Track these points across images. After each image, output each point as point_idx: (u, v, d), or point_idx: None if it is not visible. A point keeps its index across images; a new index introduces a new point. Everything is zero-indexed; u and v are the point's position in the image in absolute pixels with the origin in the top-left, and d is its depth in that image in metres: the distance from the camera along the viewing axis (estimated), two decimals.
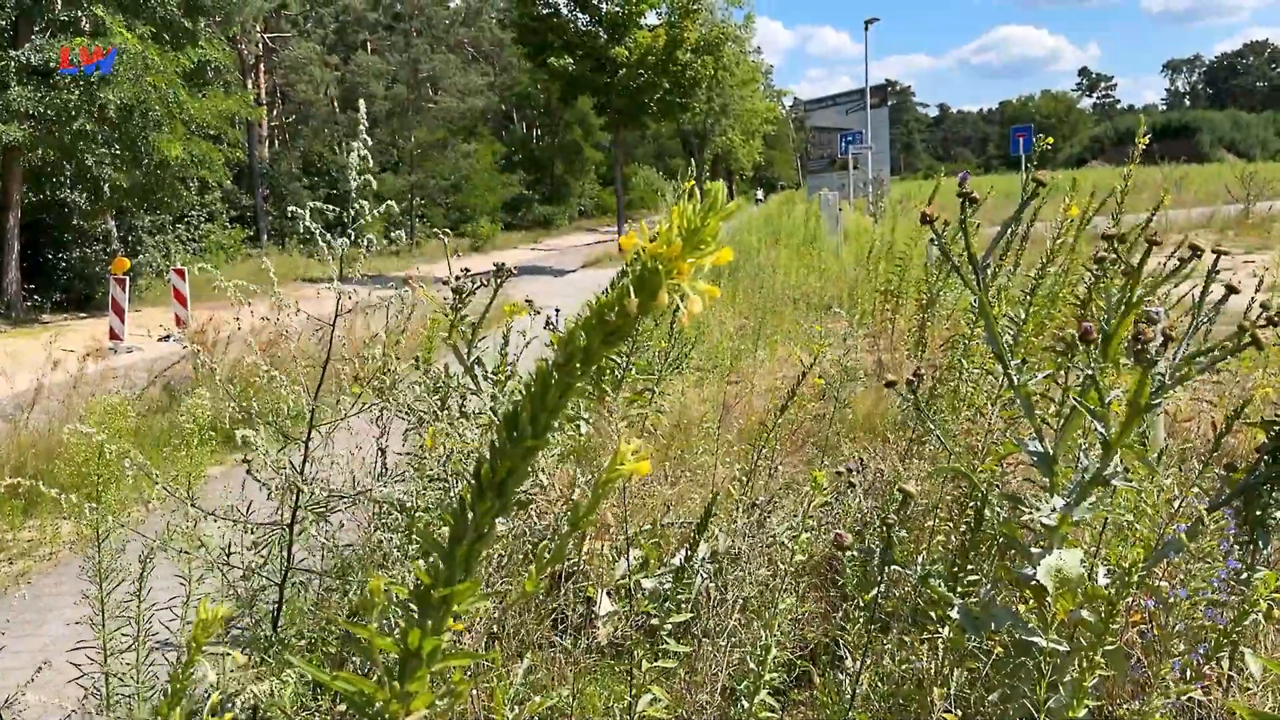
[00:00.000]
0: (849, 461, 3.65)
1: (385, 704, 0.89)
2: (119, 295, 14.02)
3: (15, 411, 8.76)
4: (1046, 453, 2.22)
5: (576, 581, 3.81)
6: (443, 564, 0.92)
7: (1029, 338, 2.96)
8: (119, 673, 1.99)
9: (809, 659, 3.02)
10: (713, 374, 7.78)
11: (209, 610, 1.06)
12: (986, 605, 2.16)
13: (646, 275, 0.85)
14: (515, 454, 0.92)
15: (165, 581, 2.46)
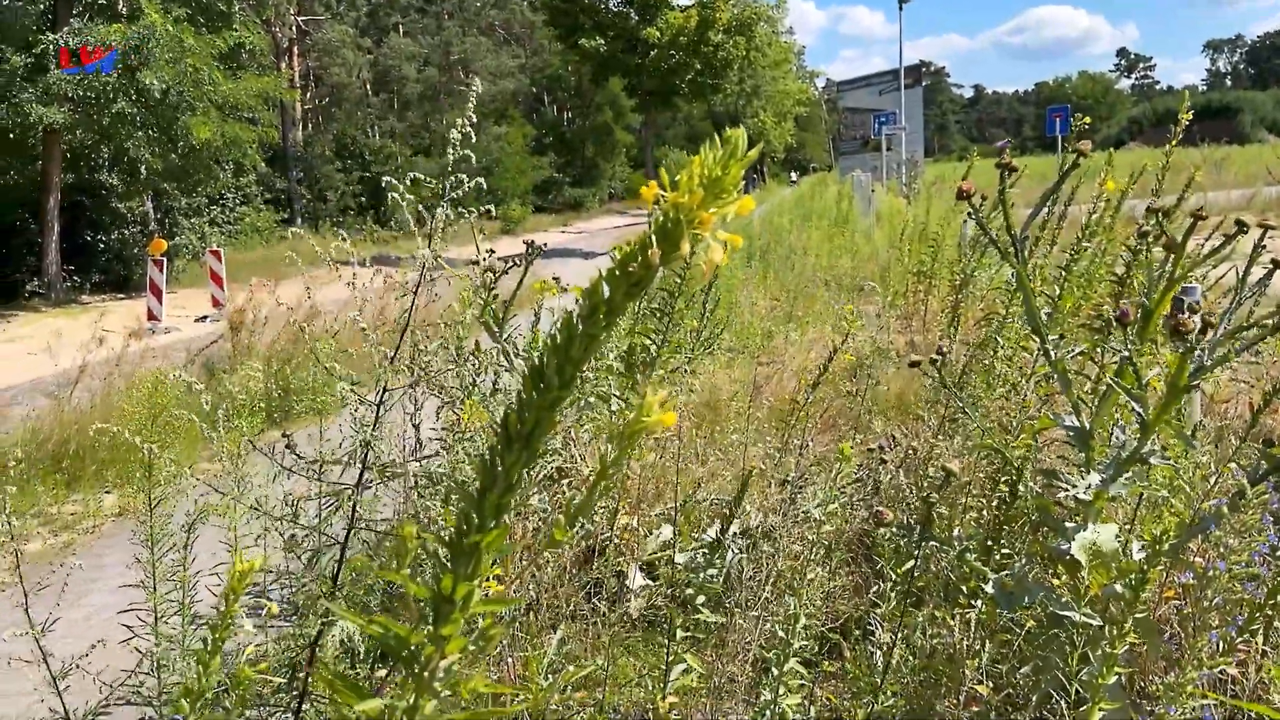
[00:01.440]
0: (881, 439, 3.63)
1: (420, 647, 0.90)
2: (156, 276, 14.21)
3: (58, 389, 8.92)
4: (1083, 428, 2.20)
5: (609, 556, 3.83)
6: (474, 513, 0.93)
7: (1065, 316, 2.92)
8: (170, 635, 2.03)
9: (840, 633, 3.02)
10: (743, 355, 7.77)
11: (245, 562, 1.08)
12: (1020, 579, 2.14)
13: (668, 225, 0.85)
14: (541, 405, 0.93)
15: (211, 546, 2.50)
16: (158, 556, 2.02)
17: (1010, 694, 2.38)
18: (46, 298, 17.50)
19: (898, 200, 16.99)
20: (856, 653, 2.84)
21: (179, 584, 2.07)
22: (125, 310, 16.26)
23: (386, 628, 0.92)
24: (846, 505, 3.04)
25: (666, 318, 3.68)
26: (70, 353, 9.73)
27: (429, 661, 0.91)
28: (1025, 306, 2.27)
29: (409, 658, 0.92)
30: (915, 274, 7.85)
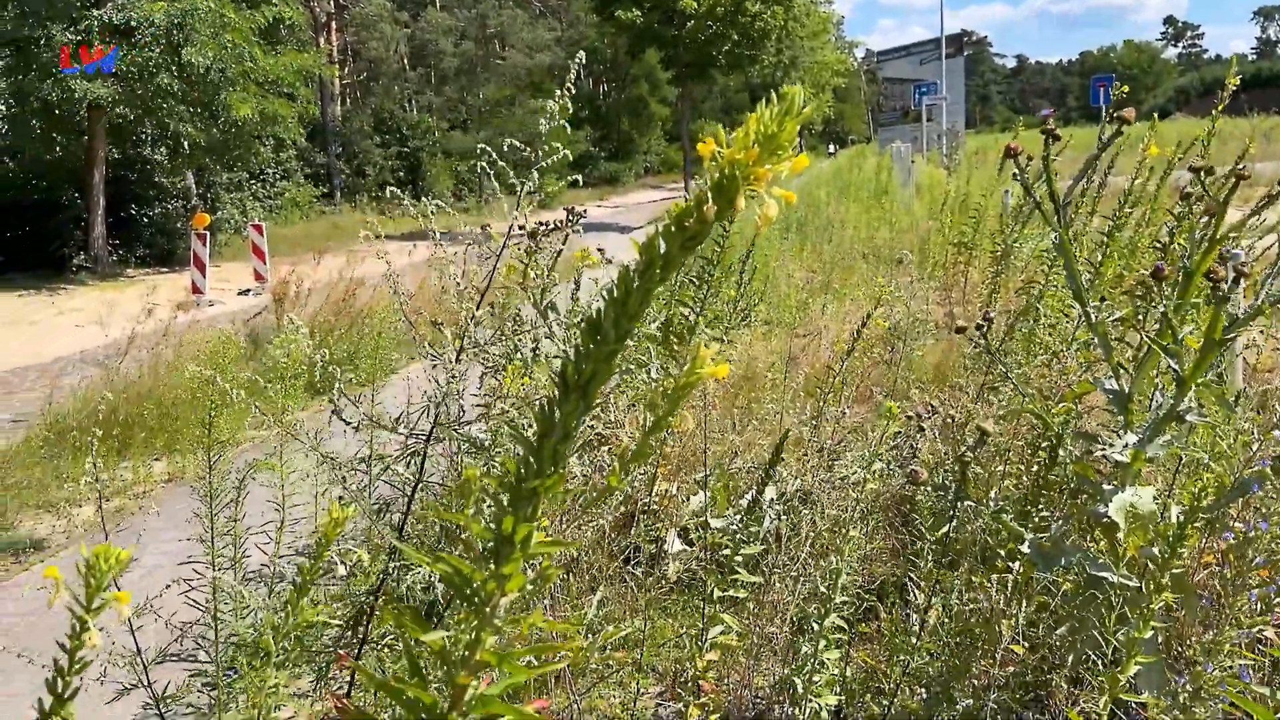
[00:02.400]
0: (919, 406, 3.65)
1: (481, 584, 0.95)
2: (200, 250, 14.42)
3: (107, 360, 9.13)
4: (1122, 391, 2.21)
5: (647, 522, 3.89)
6: (532, 459, 0.98)
7: (1108, 284, 2.92)
8: (227, 587, 2.11)
9: (877, 596, 3.06)
10: (780, 327, 7.77)
11: (339, 510, 1.14)
12: (1057, 540, 2.17)
13: (724, 181, 0.88)
14: (598, 356, 0.97)
15: (260, 507, 2.58)
16: (215, 511, 2.10)
17: (1046, 655, 2.41)
18: (93, 271, 17.82)
19: (938, 171, 16.80)
20: (893, 615, 2.89)
21: (234, 539, 2.15)
22: (170, 284, 16.54)
23: (452, 566, 0.97)
24: (884, 470, 3.07)
25: (705, 285, 3.71)
26: (118, 325, 9.95)
27: (490, 598, 0.96)
28: (1067, 271, 2.28)
29: (472, 595, 0.97)
30: (955, 245, 7.80)
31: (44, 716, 1.11)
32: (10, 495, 6.00)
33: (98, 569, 1.09)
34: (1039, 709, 2.34)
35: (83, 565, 1.07)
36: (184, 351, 8.87)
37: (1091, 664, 2.14)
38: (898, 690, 2.33)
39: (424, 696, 0.97)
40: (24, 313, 14.80)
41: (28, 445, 6.94)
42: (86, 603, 1.10)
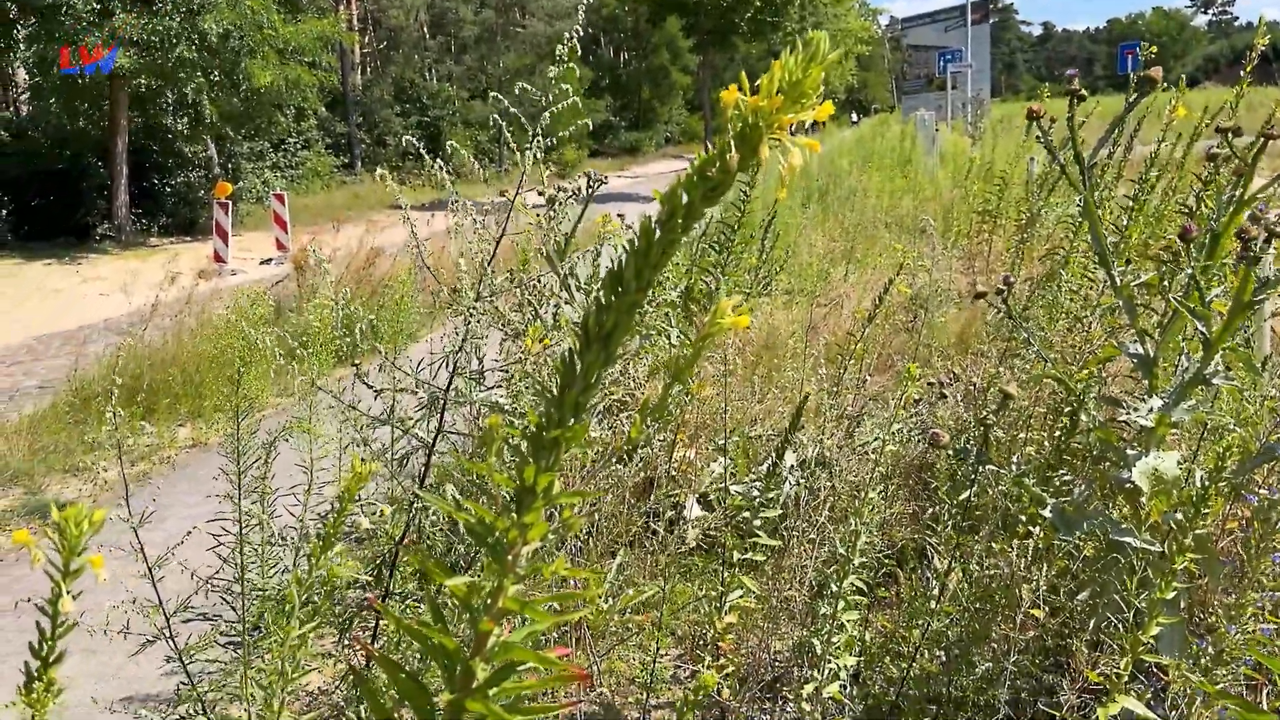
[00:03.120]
0: (941, 374, 3.63)
1: (504, 533, 0.96)
2: (222, 219, 14.48)
3: (131, 327, 9.21)
4: (1147, 355, 2.19)
5: (666, 488, 3.90)
6: (554, 409, 0.98)
7: (1133, 249, 2.88)
8: (255, 544, 2.14)
9: (896, 561, 3.06)
10: (801, 296, 7.74)
11: (362, 465, 1.15)
12: (1079, 505, 2.16)
13: (747, 130, 0.87)
14: (620, 307, 0.97)
15: (287, 469, 2.61)
16: (242, 470, 2.12)
17: (1066, 620, 2.41)
18: (116, 240, 17.94)
19: (962, 140, 16.63)
20: (912, 580, 2.89)
21: (260, 495, 2.17)
22: (192, 253, 16.63)
23: (475, 514, 0.98)
24: (905, 434, 3.06)
25: (726, 252, 3.70)
26: (141, 293, 10.03)
27: (513, 546, 0.97)
28: (1091, 234, 2.26)
29: (494, 544, 0.98)
30: (979, 213, 7.73)
31: (30, 680, 1.12)
32: (38, 459, 6.08)
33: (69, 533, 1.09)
34: (1059, 673, 2.34)
35: (54, 531, 1.06)
36: (206, 320, 8.94)
37: (1112, 628, 2.13)
38: (916, 653, 2.34)
39: (448, 642, 0.98)
40: (48, 281, 14.94)
41: (54, 411, 7.03)
42: (63, 567, 1.10)
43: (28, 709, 1.23)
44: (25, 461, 6.01)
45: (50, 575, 0.99)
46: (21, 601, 4.05)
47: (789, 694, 2.44)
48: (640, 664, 3.02)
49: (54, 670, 0.96)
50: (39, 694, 0.92)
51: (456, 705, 0.97)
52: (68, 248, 17.44)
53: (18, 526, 5.14)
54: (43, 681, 0.93)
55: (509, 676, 1.00)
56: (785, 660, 2.89)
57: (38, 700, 0.91)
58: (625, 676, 3.08)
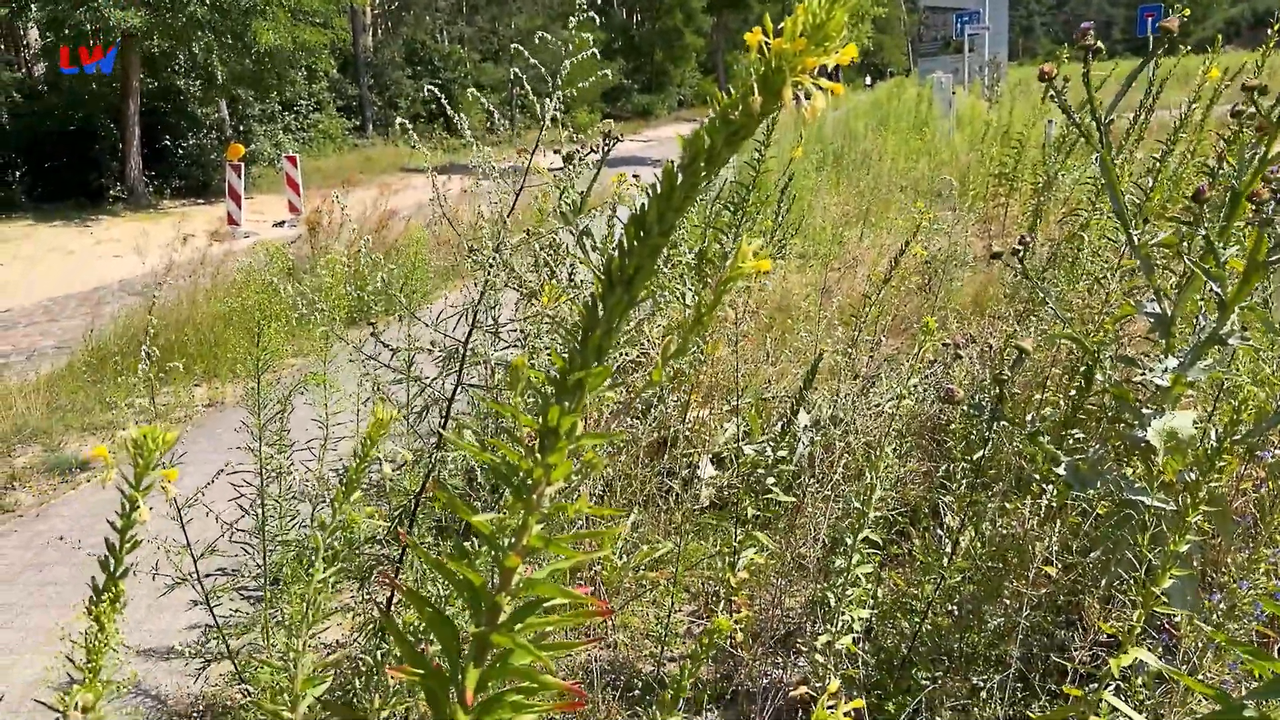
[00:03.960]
0: (956, 336, 3.63)
1: (528, 473, 0.97)
2: (235, 181, 14.48)
3: (146, 288, 9.26)
4: (1164, 314, 2.19)
5: (681, 448, 3.92)
6: (577, 351, 0.99)
7: (1153, 210, 2.86)
8: (275, 495, 2.17)
9: (909, 520, 3.08)
10: (814, 260, 7.72)
11: (384, 411, 1.17)
12: (1094, 463, 2.17)
13: (770, 73, 0.87)
14: (643, 251, 0.97)
15: (304, 423, 2.63)
16: (263, 421, 2.15)
17: (1079, 577, 2.42)
18: (129, 202, 17.96)
19: (979, 103, 16.44)
20: (925, 538, 2.91)
21: (279, 447, 2.20)
22: (205, 215, 16.66)
23: (500, 455, 0.99)
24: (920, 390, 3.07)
25: (741, 212, 3.69)
26: (155, 254, 10.07)
27: (536, 486, 0.98)
28: (1110, 193, 2.24)
29: (519, 484, 0.99)
30: (996, 176, 7.67)
31: (98, 592, 1.15)
32: (56, 418, 6.14)
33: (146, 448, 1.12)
34: (1070, 629, 2.36)
35: (130, 446, 1.10)
36: (220, 281, 8.97)
37: (1125, 585, 2.15)
38: (929, 609, 2.36)
39: (474, 577, 1.00)
40: (62, 242, 14.98)
41: (71, 371, 7.09)
42: (135, 482, 1.14)
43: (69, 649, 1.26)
44: (44, 420, 6.08)
45: (122, 490, 1.02)
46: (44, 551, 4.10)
47: (803, 646, 2.47)
48: (655, 619, 3.06)
49: (121, 584, 0.99)
50: (106, 607, 0.94)
51: (483, 639, 0.99)
52: (80, 210, 17.47)
53: (38, 483, 5.21)
54: (110, 594, 0.95)
55: (533, 612, 1.02)
56: (798, 615, 2.92)
57: (105, 613, 0.93)
58: (640, 631, 3.12)
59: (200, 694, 3.07)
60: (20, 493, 5.07)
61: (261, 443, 2.14)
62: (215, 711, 2.95)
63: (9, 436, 5.79)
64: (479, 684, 0.99)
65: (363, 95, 32.06)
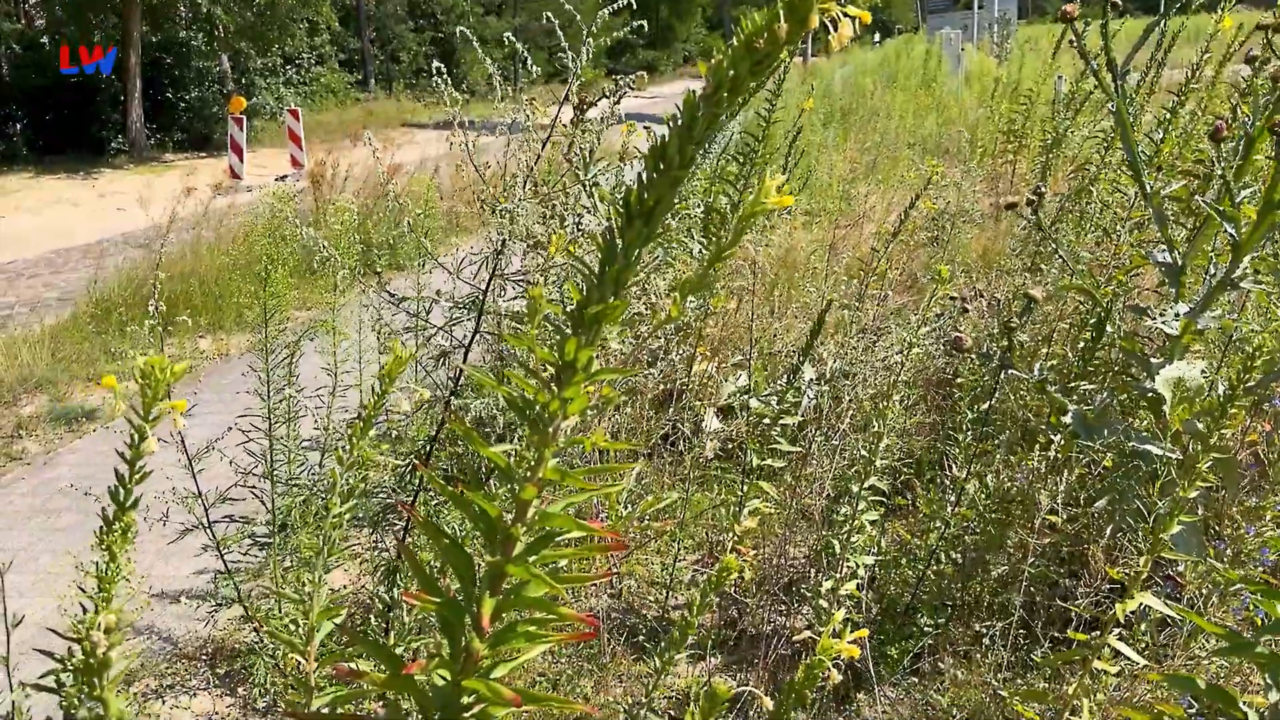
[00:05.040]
0: (963, 289, 3.62)
1: (545, 406, 0.97)
2: (237, 134, 14.39)
3: (148, 241, 9.24)
4: (1175, 263, 2.18)
5: (686, 400, 3.93)
6: (595, 284, 0.99)
7: (1165, 161, 2.84)
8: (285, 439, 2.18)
9: (913, 472, 3.09)
10: (821, 217, 7.68)
11: (402, 350, 1.17)
12: (1101, 412, 2.17)
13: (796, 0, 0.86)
14: (663, 184, 0.97)
15: (312, 375, 2.64)
16: (270, 366, 2.15)
17: (1084, 526, 2.44)
18: (131, 155, 17.87)
19: (988, 60, 16.26)
20: (931, 491, 2.92)
21: (287, 395, 2.20)
22: (207, 168, 16.56)
23: (517, 388, 0.99)
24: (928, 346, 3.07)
25: (749, 163, 3.66)
26: (157, 207, 10.03)
27: (553, 419, 0.99)
28: (1123, 142, 2.23)
29: (535, 417, 0.99)
30: (1004, 133, 7.60)
31: (108, 523, 1.16)
32: (61, 368, 6.16)
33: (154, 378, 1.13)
34: (1074, 579, 2.38)
35: (139, 375, 1.10)
36: (224, 234, 8.95)
37: (1130, 533, 2.16)
38: (932, 558, 2.38)
39: (490, 509, 1.00)
40: (65, 195, 14.93)
41: (75, 322, 7.09)
42: (144, 412, 1.14)
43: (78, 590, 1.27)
44: (49, 370, 6.09)
45: (130, 421, 1.02)
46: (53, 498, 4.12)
47: (807, 592, 2.49)
48: (660, 567, 3.08)
49: (131, 514, 0.99)
50: (117, 538, 0.94)
51: (498, 569, 1.00)
52: (82, 162, 17.38)
53: (44, 432, 5.23)
54: (121, 524, 0.96)
55: (548, 545, 1.03)
56: (802, 565, 2.94)
57: (116, 542, 0.94)
58: (645, 580, 3.15)
59: (209, 637, 3.10)
60: (27, 441, 5.10)
61: (270, 387, 2.14)
62: (224, 653, 2.99)
63: (15, 386, 5.81)
64: (494, 614, 1.00)
65: (364, 49, 31.74)
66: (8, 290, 9.09)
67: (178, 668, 2.98)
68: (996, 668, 2.23)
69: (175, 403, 1.04)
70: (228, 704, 2.82)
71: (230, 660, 2.97)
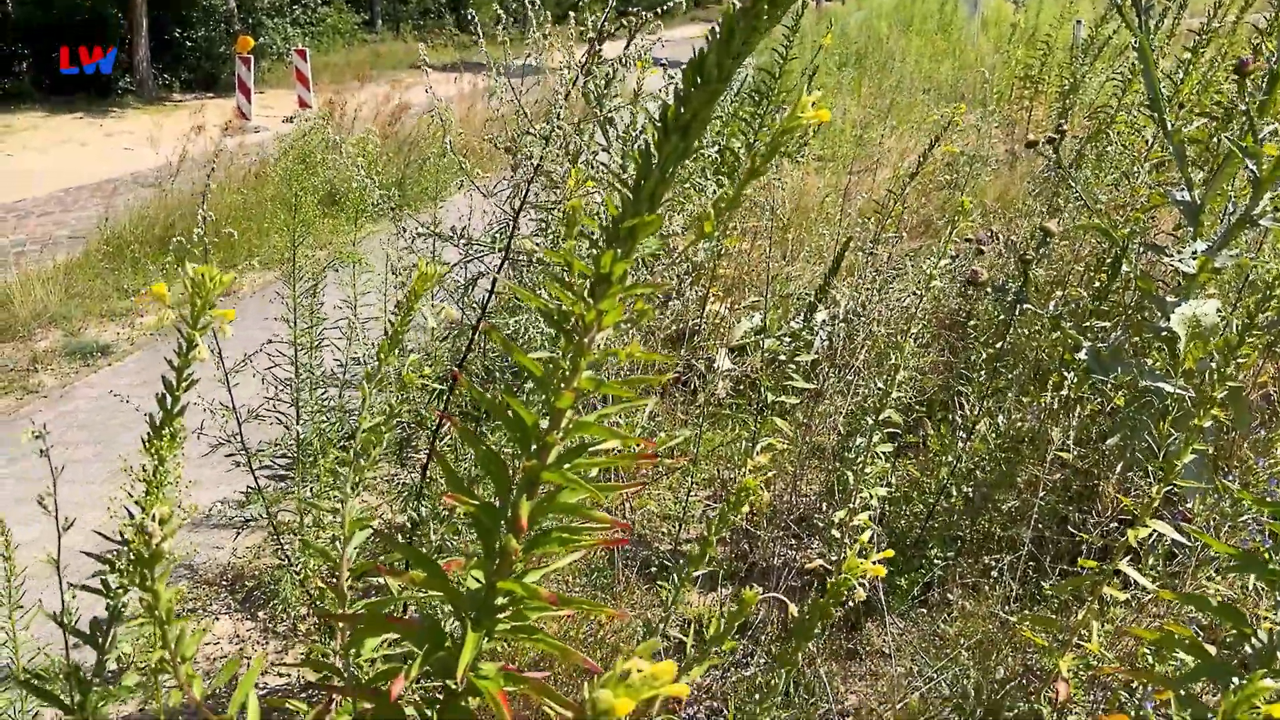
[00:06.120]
0: (979, 231, 3.62)
1: (580, 317, 0.99)
2: (244, 75, 14.26)
3: (158, 180, 9.21)
4: (1194, 201, 2.18)
5: (697, 341, 3.95)
6: (630, 198, 1.00)
7: (1188, 98, 2.82)
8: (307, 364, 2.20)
9: (925, 412, 3.12)
10: (834, 162, 7.64)
11: (428, 268, 1.18)
12: (1115, 349, 2.19)
13: None
14: (700, 97, 0.98)
15: (333, 300, 2.66)
16: (299, 294, 2.17)
17: (1095, 462, 2.47)
18: (138, 95, 17.75)
19: (1005, 5, 16.01)
20: (941, 429, 2.95)
21: (313, 323, 2.22)
22: (215, 109, 16.42)
23: (554, 299, 1.01)
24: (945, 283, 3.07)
25: (766, 100, 3.64)
26: (166, 147, 9.98)
27: (588, 330, 1.01)
28: (1145, 78, 2.22)
29: (571, 328, 1.01)
30: (1021, 79, 7.52)
31: (155, 430, 1.19)
32: (75, 304, 6.19)
33: (204, 287, 1.15)
34: (1084, 514, 2.41)
35: (188, 283, 1.13)
36: (233, 173, 8.93)
37: (1140, 470, 2.19)
38: (942, 492, 2.41)
39: (527, 415, 1.03)
40: (72, 134, 14.85)
41: (87, 259, 7.11)
42: (192, 320, 1.17)
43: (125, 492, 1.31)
44: (63, 306, 6.12)
45: (180, 330, 1.05)
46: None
47: (819, 521, 2.53)
48: (673, 502, 3.13)
49: (179, 420, 1.02)
50: (165, 443, 0.97)
51: (533, 473, 1.03)
52: (89, 102, 17.25)
53: (59, 366, 5.28)
54: (168, 431, 0.99)
55: (582, 454, 1.06)
56: (813, 501, 2.99)
57: (164, 447, 0.97)
58: (657, 515, 3.19)
59: (229, 564, 3.17)
60: (43, 375, 5.15)
61: (295, 315, 2.16)
62: (244, 580, 3.06)
63: (29, 321, 5.85)
64: (529, 517, 1.03)
65: None
66: (18, 228, 9.09)
67: (198, 593, 3.04)
68: (1005, 600, 2.28)
69: (224, 311, 1.07)
70: (248, 627, 2.88)
71: (251, 587, 3.04)
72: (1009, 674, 2.02)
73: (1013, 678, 2.02)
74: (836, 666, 2.37)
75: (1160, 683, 1.28)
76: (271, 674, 2.67)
